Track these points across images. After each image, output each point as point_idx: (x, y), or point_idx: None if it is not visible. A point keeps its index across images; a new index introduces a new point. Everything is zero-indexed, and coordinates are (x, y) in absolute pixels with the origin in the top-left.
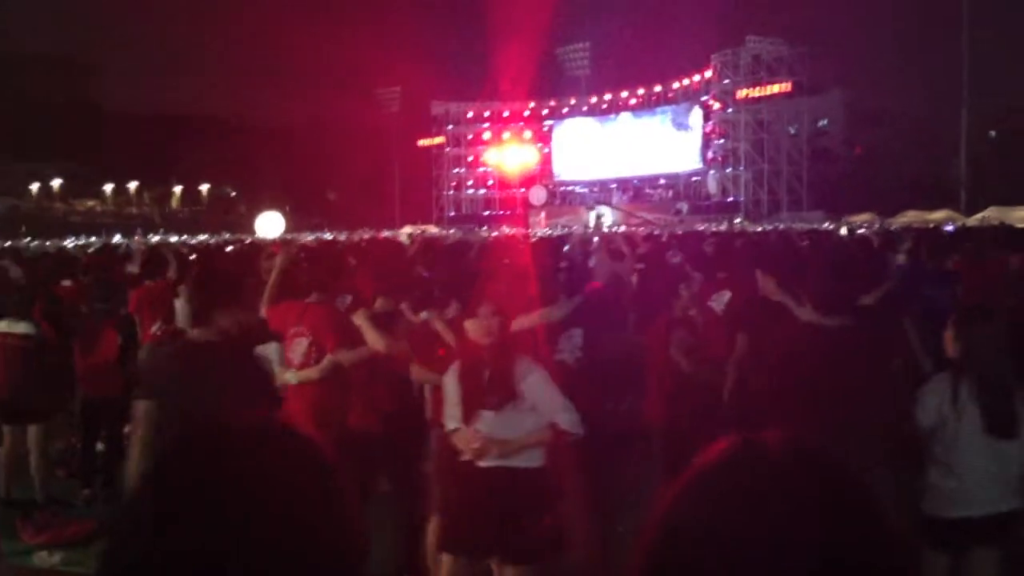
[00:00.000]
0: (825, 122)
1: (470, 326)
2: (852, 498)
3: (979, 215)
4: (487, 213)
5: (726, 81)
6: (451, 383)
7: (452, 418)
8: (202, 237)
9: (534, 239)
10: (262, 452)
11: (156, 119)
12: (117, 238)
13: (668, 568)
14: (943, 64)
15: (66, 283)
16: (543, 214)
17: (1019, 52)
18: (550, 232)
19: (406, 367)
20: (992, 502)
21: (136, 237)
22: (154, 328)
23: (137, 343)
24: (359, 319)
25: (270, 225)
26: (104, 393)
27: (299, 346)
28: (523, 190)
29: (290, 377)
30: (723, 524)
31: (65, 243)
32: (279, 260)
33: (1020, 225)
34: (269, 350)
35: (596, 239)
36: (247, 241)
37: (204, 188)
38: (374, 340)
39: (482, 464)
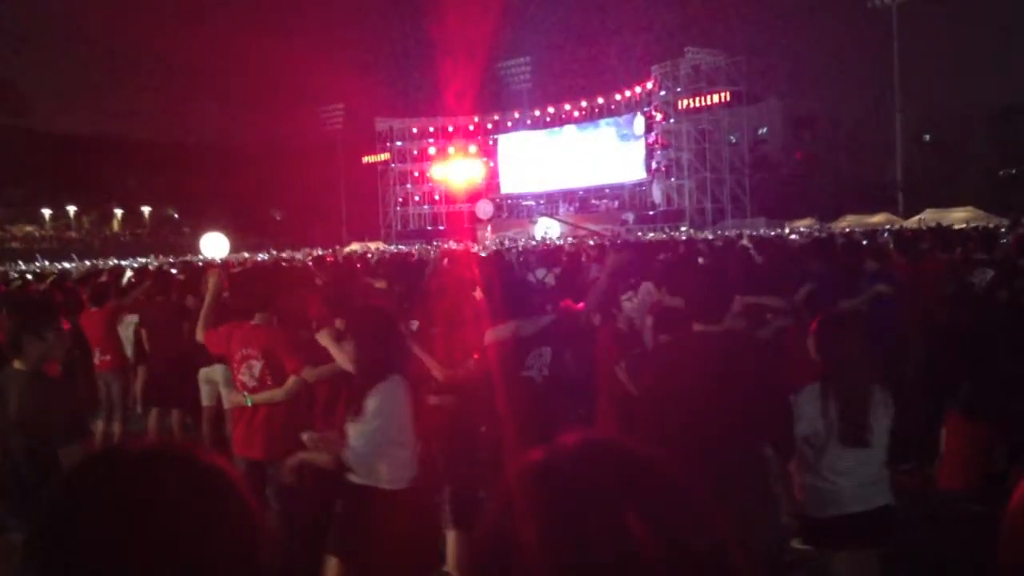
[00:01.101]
0: (764, 130)
1: (345, 346)
2: (651, 489)
3: (916, 217)
4: (432, 228)
5: (666, 92)
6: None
7: None
8: (142, 260)
9: (487, 252)
10: (158, 478)
11: (94, 141)
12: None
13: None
14: (877, 71)
15: None
16: (489, 227)
17: (948, 58)
18: (513, 244)
19: None
20: (863, 500)
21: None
22: (96, 355)
23: (80, 370)
24: (323, 339)
25: (215, 246)
26: None
27: (251, 368)
28: (470, 205)
29: (245, 400)
30: (530, 535)
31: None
32: (211, 285)
33: (956, 226)
34: (214, 372)
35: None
36: (199, 263)
37: (146, 210)
38: (342, 358)
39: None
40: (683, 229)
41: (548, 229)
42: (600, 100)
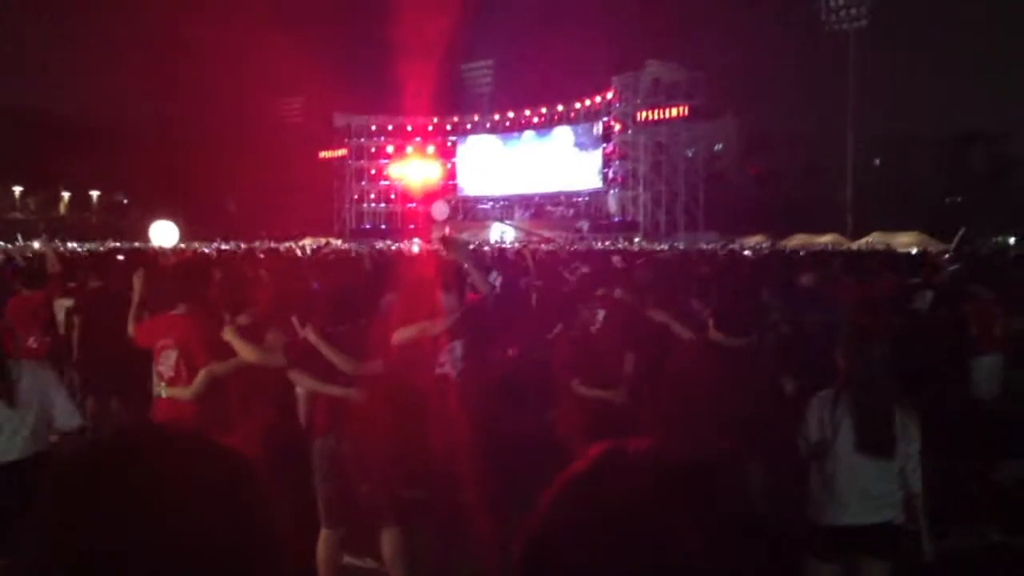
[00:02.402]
0: (720, 146)
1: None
2: (710, 496)
3: (864, 239)
4: (387, 227)
5: (626, 103)
6: None
7: None
8: (88, 245)
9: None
10: (169, 457)
11: (43, 121)
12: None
13: (545, 570)
14: (832, 94)
15: None
16: (447, 229)
17: (901, 85)
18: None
19: (287, 381)
20: (868, 512)
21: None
22: (31, 340)
23: (11, 355)
24: (228, 335)
25: (164, 234)
26: None
27: (167, 359)
28: (425, 205)
29: (161, 391)
30: (592, 528)
31: None
32: (136, 285)
33: (902, 250)
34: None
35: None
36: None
37: (94, 194)
38: (246, 353)
39: None
40: (636, 240)
41: (503, 233)
42: (560, 107)
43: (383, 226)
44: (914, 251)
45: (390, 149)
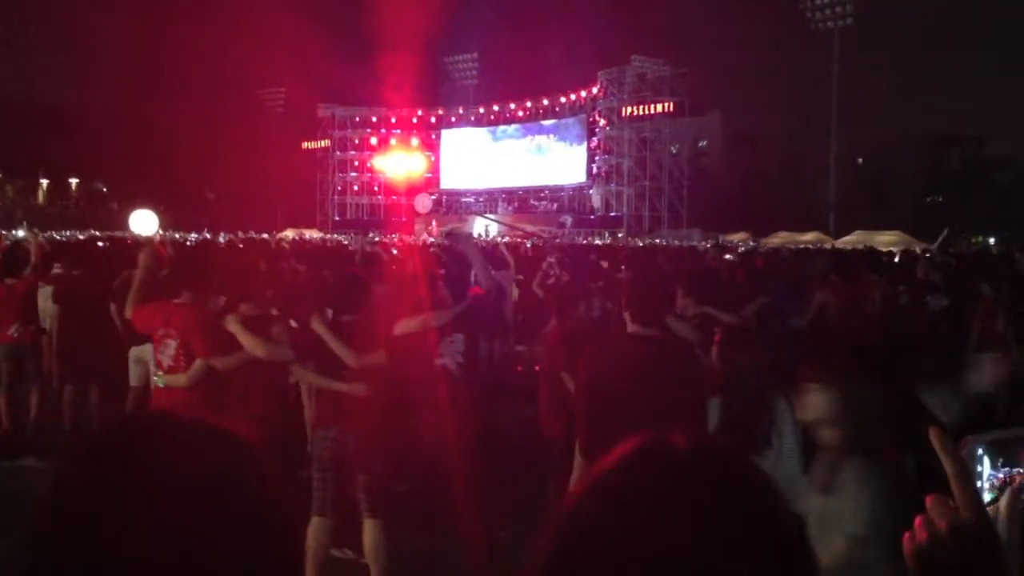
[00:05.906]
0: (705, 143)
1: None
2: (751, 493)
3: (846, 238)
4: (370, 219)
5: (611, 98)
6: None
7: None
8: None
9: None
10: (174, 446)
11: (22, 107)
12: None
13: (574, 567)
14: (816, 93)
15: None
16: (434, 222)
17: (885, 85)
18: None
19: (283, 371)
20: None
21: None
22: (11, 330)
23: None
24: (231, 325)
25: (144, 223)
26: None
27: (167, 348)
28: (408, 198)
29: (158, 380)
30: (629, 521)
31: None
32: (141, 260)
33: (884, 249)
34: (145, 351)
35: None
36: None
37: (74, 182)
38: (252, 345)
39: None
40: (620, 235)
41: (487, 227)
42: (545, 101)
43: (368, 218)
44: (896, 251)
45: (374, 141)
